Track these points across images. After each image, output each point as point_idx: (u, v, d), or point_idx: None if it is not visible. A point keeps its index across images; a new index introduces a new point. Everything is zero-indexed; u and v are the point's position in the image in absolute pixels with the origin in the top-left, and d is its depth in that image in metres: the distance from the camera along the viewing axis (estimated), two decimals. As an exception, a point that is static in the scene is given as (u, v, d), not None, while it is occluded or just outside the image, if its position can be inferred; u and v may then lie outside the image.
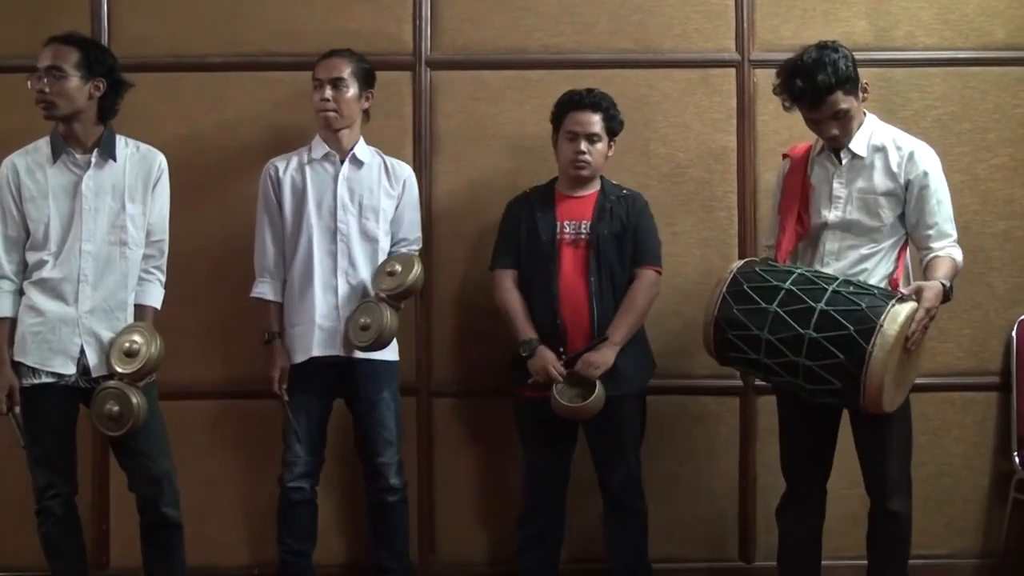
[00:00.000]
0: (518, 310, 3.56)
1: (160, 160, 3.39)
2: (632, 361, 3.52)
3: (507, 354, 3.64)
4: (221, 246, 3.89)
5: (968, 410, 4.00)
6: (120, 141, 3.35)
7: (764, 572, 3.86)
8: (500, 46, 3.99)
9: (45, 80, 3.20)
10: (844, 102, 3.17)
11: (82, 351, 3.24)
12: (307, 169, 3.59)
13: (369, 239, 3.58)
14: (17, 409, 3.21)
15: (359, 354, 3.50)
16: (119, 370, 3.20)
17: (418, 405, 3.96)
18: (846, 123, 3.21)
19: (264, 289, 3.60)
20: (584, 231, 3.53)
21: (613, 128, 3.56)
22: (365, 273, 3.55)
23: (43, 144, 3.30)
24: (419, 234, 3.71)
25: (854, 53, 3.23)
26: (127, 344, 3.23)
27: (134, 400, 3.19)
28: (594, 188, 3.60)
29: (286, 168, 3.61)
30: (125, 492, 3.40)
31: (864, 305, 2.99)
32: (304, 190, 3.57)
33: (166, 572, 3.40)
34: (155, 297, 3.39)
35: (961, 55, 3.98)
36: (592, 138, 3.52)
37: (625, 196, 3.60)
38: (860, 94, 3.23)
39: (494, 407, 3.94)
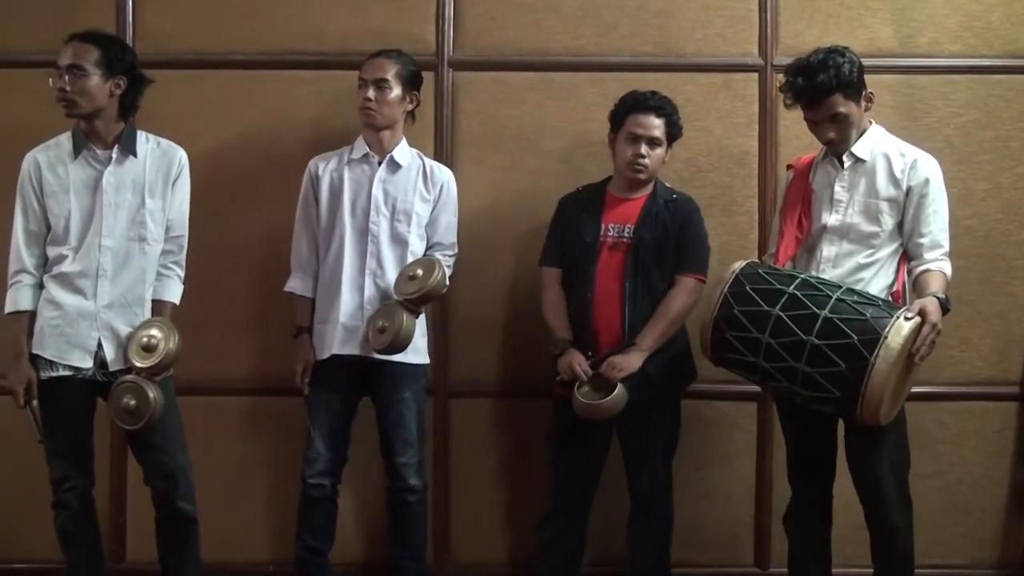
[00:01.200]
0: (554, 309, 3.56)
1: (181, 155, 3.41)
2: (666, 367, 3.49)
3: (525, 355, 3.64)
4: (245, 243, 3.91)
5: (987, 419, 3.97)
6: (141, 137, 3.37)
7: (779, 578, 3.86)
8: (522, 48, 3.99)
9: (66, 78, 3.22)
10: (843, 106, 3.17)
11: (100, 345, 3.26)
12: (346, 169, 3.61)
13: (399, 242, 3.59)
14: (35, 403, 3.23)
15: (377, 356, 3.51)
16: (137, 364, 3.22)
17: (435, 405, 3.96)
18: (844, 128, 3.21)
19: (296, 284, 3.63)
20: (627, 235, 3.50)
21: (673, 134, 3.53)
22: (393, 275, 3.56)
23: (65, 140, 3.32)
24: (454, 239, 3.70)
25: (878, 60, 3.23)
26: (145, 338, 3.25)
27: (151, 394, 3.20)
28: (645, 191, 3.56)
29: (326, 166, 3.63)
30: (142, 485, 3.41)
31: (868, 315, 2.97)
32: (341, 189, 3.59)
33: (181, 566, 3.42)
34: (174, 292, 3.41)
35: (985, 62, 3.95)
36: (653, 142, 3.48)
37: (675, 200, 3.56)
38: (863, 102, 3.23)
39: (511, 408, 3.95)
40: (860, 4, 3.95)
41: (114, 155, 3.30)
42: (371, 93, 3.53)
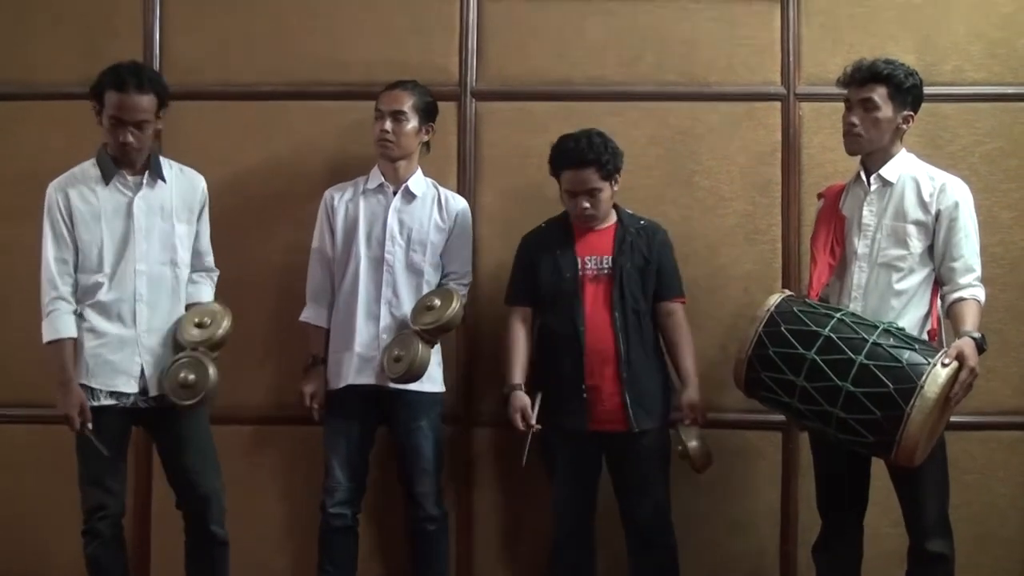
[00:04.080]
0: (516, 353, 3.56)
1: (203, 183, 3.50)
2: (661, 392, 3.52)
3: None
4: (265, 273, 3.93)
5: (1015, 450, 3.92)
6: (164, 163, 3.43)
7: (804, 609, 3.81)
8: (546, 78, 4.01)
9: (133, 130, 3.27)
10: (880, 99, 3.23)
11: (142, 371, 3.31)
12: (361, 199, 3.64)
13: (415, 271, 3.60)
14: (90, 425, 3.26)
15: (392, 385, 3.51)
16: (194, 338, 3.30)
17: (458, 434, 3.96)
18: (870, 122, 3.25)
19: (310, 314, 3.65)
20: (607, 266, 3.51)
21: (610, 172, 3.48)
22: (408, 305, 3.57)
23: (89, 167, 3.37)
24: (469, 268, 3.73)
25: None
26: (198, 317, 3.35)
27: (210, 369, 3.28)
28: (611, 220, 3.58)
29: (342, 197, 3.66)
30: (167, 512, 3.44)
31: (905, 361, 2.95)
32: (356, 219, 3.62)
33: None
34: (208, 293, 3.51)
35: (1010, 90, 3.94)
36: (592, 192, 3.47)
37: (644, 227, 3.58)
38: (901, 114, 3.26)
39: (534, 437, 3.93)
40: (883, 32, 3.96)
41: (144, 181, 3.35)
42: (388, 125, 3.56)
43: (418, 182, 3.66)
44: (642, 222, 3.60)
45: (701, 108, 3.98)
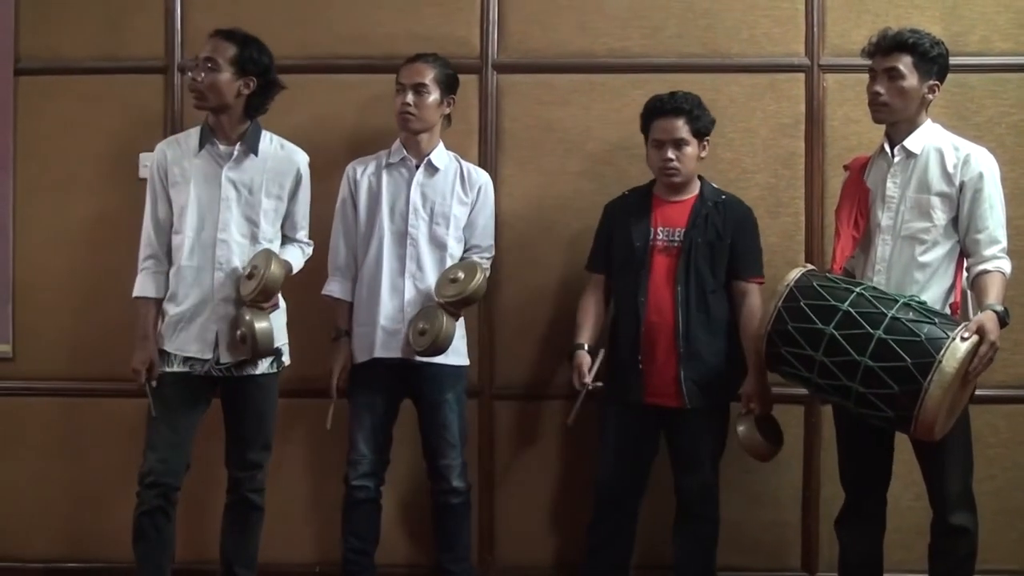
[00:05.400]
0: (584, 316, 3.59)
1: (303, 160, 3.55)
2: (721, 372, 3.48)
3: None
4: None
5: (1041, 423, 3.91)
6: (265, 137, 3.48)
7: (826, 583, 3.82)
8: (567, 50, 3.99)
9: (201, 72, 3.33)
10: (906, 67, 3.20)
11: (216, 339, 3.36)
12: (384, 172, 3.64)
13: (438, 245, 3.61)
14: (154, 383, 3.34)
15: (418, 358, 3.52)
16: (247, 290, 3.33)
17: (480, 408, 3.97)
18: (895, 91, 3.21)
19: (334, 287, 3.65)
20: (678, 238, 3.48)
21: (700, 129, 3.47)
22: (432, 278, 3.57)
23: (194, 133, 3.46)
24: (491, 242, 3.72)
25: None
26: (246, 269, 3.37)
27: (256, 324, 3.31)
28: (692, 192, 3.54)
29: (364, 171, 3.66)
30: (190, 486, 3.46)
31: (923, 336, 2.93)
32: (379, 193, 3.62)
33: (241, 547, 3.56)
34: (292, 255, 3.55)
35: (1038, 61, 3.90)
36: (679, 143, 3.45)
37: (724, 202, 3.54)
38: (929, 82, 3.23)
39: (557, 411, 3.94)
40: (909, 3, 3.92)
41: (236, 151, 3.39)
42: (410, 98, 3.55)
43: (440, 155, 3.65)
44: (723, 196, 3.56)
45: (723, 80, 3.95)
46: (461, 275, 3.52)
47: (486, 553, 3.99)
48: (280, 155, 3.49)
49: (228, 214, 3.38)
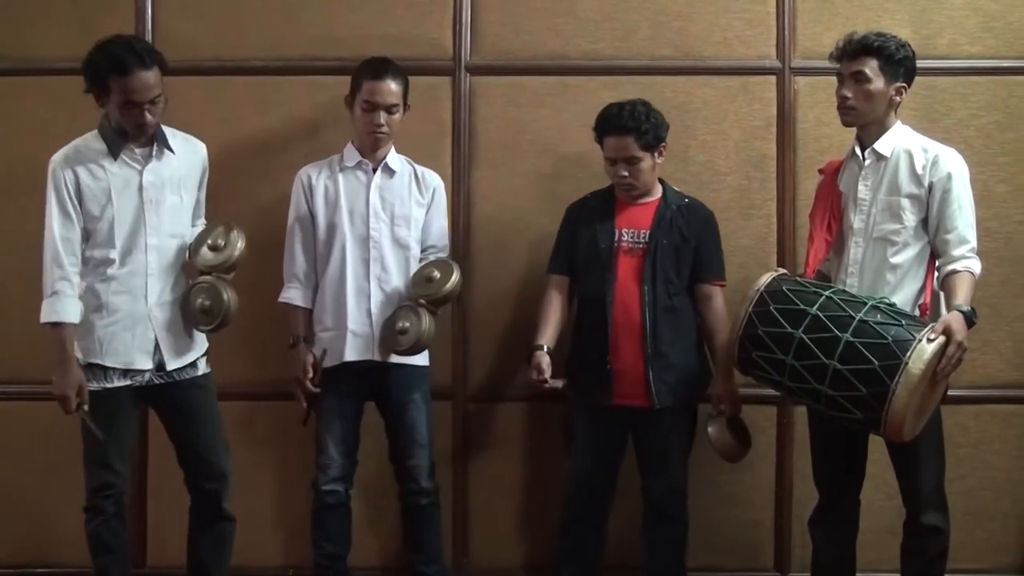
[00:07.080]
0: (546, 317, 3.57)
1: (204, 149, 3.50)
2: (689, 373, 3.50)
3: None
4: (258, 249, 3.88)
5: (1010, 423, 3.94)
6: (168, 132, 3.39)
7: (799, 583, 3.83)
8: (540, 52, 3.99)
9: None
10: (872, 71, 3.21)
11: (156, 346, 3.30)
12: (340, 177, 3.62)
13: (401, 246, 3.60)
14: (85, 407, 3.21)
15: (395, 358, 3.52)
16: (208, 262, 3.31)
17: (454, 409, 3.97)
18: (862, 96, 3.23)
19: (294, 294, 3.62)
20: (643, 240, 3.50)
21: (650, 143, 3.46)
22: (397, 279, 3.58)
23: (93, 141, 3.31)
24: (447, 242, 3.72)
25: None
26: (210, 239, 3.34)
27: (224, 295, 3.29)
28: (655, 196, 3.56)
29: (319, 176, 3.64)
30: (162, 490, 3.46)
31: (891, 338, 2.95)
32: (337, 198, 3.60)
33: (220, 563, 3.49)
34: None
35: (1005, 64, 3.93)
36: (631, 160, 3.46)
37: (687, 205, 3.56)
38: (896, 85, 3.24)
39: (529, 413, 3.95)
40: (878, 6, 3.95)
41: (153, 153, 3.33)
42: (383, 119, 3.53)
43: (395, 159, 3.65)
44: (686, 200, 3.58)
45: (696, 82, 3.97)
46: (437, 274, 3.52)
47: (461, 556, 3.99)
48: (187, 147, 3.43)
49: (155, 218, 3.29)
